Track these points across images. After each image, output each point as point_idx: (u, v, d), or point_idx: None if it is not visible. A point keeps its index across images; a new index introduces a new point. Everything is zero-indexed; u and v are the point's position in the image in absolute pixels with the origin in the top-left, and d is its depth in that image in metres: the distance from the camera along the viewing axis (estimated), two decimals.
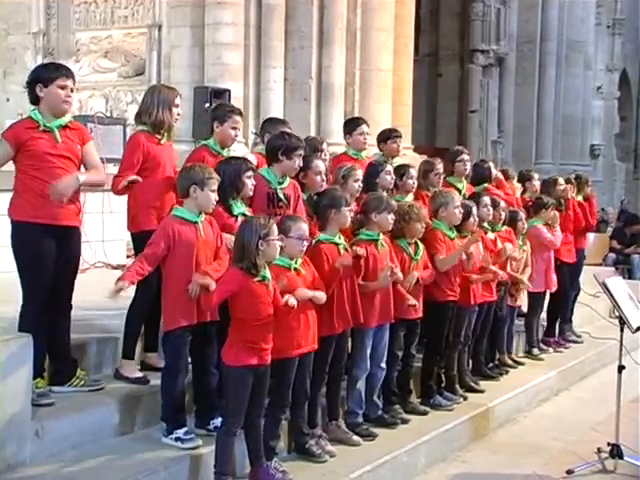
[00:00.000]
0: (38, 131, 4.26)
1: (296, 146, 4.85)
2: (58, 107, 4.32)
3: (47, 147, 4.25)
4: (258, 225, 4.01)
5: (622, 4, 22.29)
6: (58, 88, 4.29)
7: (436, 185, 6.25)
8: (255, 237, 3.96)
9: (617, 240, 14.82)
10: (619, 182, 23.27)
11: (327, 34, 11.45)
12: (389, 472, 4.76)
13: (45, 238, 4.25)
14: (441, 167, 6.39)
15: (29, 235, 4.24)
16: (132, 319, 4.73)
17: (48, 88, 4.28)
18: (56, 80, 4.29)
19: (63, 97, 4.31)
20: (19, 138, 4.23)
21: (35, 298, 4.27)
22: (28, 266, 4.27)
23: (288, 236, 4.23)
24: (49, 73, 4.33)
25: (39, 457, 3.90)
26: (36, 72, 4.41)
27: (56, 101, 4.30)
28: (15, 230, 4.28)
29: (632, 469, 5.20)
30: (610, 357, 7.61)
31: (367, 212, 5.08)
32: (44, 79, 4.29)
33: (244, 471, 4.29)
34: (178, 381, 4.27)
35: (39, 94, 4.29)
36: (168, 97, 4.82)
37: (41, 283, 4.27)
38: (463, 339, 6.13)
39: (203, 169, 4.33)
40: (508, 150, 19.04)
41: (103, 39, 13.21)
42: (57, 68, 4.42)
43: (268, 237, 3.98)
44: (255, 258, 3.97)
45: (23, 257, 4.26)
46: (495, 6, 18.69)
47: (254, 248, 3.96)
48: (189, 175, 4.30)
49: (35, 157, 4.22)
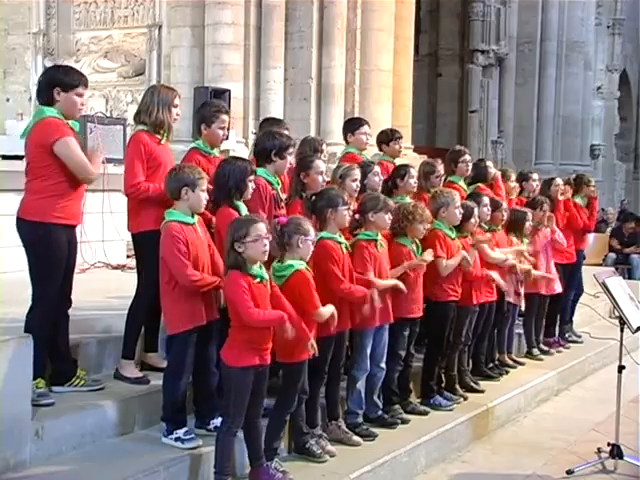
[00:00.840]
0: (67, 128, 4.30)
1: (287, 145, 4.86)
2: (72, 114, 4.37)
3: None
4: (234, 227, 4.01)
5: (622, 4, 22.32)
6: (76, 96, 4.34)
7: (437, 187, 6.25)
8: (230, 239, 3.97)
9: (617, 240, 14.83)
10: (619, 182, 23.29)
11: (327, 34, 11.45)
12: (389, 472, 4.76)
13: (61, 237, 4.30)
14: (442, 169, 6.40)
15: (47, 234, 4.24)
16: (132, 319, 4.73)
17: (67, 94, 4.30)
18: (76, 88, 4.33)
19: (79, 105, 4.37)
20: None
21: (46, 298, 4.28)
22: (44, 266, 4.26)
23: (307, 238, 4.27)
24: (70, 79, 4.33)
25: (39, 457, 3.90)
26: (54, 75, 4.39)
27: (73, 109, 4.35)
28: (31, 230, 4.26)
29: (632, 469, 5.20)
30: (610, 357, 7.63)
31: (364, 212, 5.08)
32: (64, 84, 4.30)
33: (244, 471, 4.29)
34: (181, 382, 4.27)
35: (56, 97, 4.29)
36: (168, 97, 4.82)
37: (54, 283, 4.30)
38: (464, 339, 6.13)
39: (192, 170, 4.31)
40: (508, 150, 19.03)
41: (103, 39, 13.22)
42: (77, 75, 4.43)
43: (244, 239, 3.94)
44: (236, 259, 3.95)
45: (40, 256, 4.25)
46: (495, 6, 18.69)
47: (230, 249, 3.96)
48: (179, 177, 4.27)
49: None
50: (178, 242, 4.14)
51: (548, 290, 7.51)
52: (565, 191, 7.98)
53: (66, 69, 4.52)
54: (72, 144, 4.26)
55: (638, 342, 7.01)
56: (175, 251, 4.12)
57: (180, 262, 4.12)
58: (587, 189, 8.28)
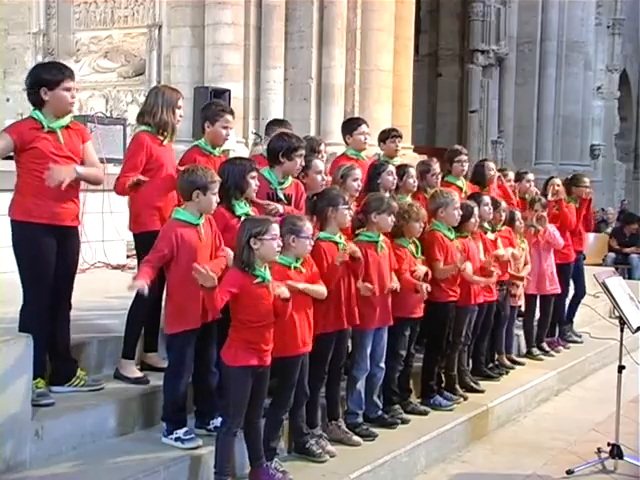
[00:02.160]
0: (42, 132, 4.24)
1: (296, 147, 4.85)
2: (64, 109, 4.32)
3: (51, 148, 4.24)
4: (252, 222, 4.02)
5: (622, 4, 22.31)
6: (64, 91, 4.27)
7: (434, 185, 6.25)
8: (247, 234, 3.96)
9: (617, 240, 14.83)
10: (619, 182, 23.28)
11: (327, 34, 11.44)
12: (389, 472, 4.76)
13: (46, 238, 4.25)
14: (438, 167, 6.39)
15: (31, 235, 4.23)
16: (132, 319, 4.73)
17: (54, 91, 4.24)
18: (62, 83, 4.26)
19: (69, 99, 4.31)
20: (23, 137, 4.21)
21: (36, 298, 4.26)
22: (29, 266, 4.26)
23: (300, 236, 4.25)
24: (53, 76, 4.27)
25: (39, 457, 3.90)
26: (38, 74, 4.32)
27: (63, 104, 4.30)
28: (17, 230, 4.27)
29: (632, 469, 5.20)
30: (610, 357, 7.63)
31: (367, 212, 5.08)
32: (49, 82, 4.24)
33: (244, 471, 4.29)
34: (181, 382, 4.27)
35: (44, 97, 4.24)
36: (171, 98, 4.81)
37: (42, 283, 4.27)
38: (463, 339, 6.13)
39: (205, 172, 4.29)
40: (508, 150, 19.03)
41: (103, 39, 13.21)
42: (60, 70, 4.35)
43: (262, 236, 3.96)
44: (249, 257, 3.96)
45: (25, 257, 4.25)
46: (495, 6, 18.68)
47: (245, 246, 3.96)
48: (192, 179, 4.26)
49: (40, 157, 4.21)
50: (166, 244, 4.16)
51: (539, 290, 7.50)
52: (559, 191, 7.94)
53: (48, 66, 4.47)
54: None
55: (638, 342, 7.00)
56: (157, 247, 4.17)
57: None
58: (577, 190, 8.12)
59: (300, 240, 4.26)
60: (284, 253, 4.24)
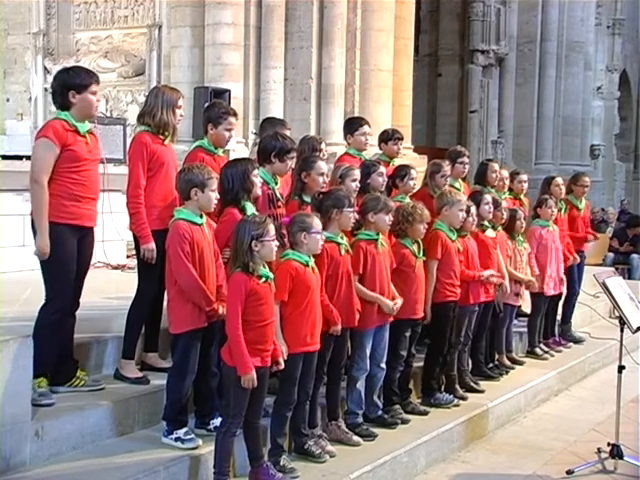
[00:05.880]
0: (78, 135, 4.31)
1: (290, 149, 4.85)
2: (89, 113, 4.40)
3: (85, 151, 4.32)
4: (252, 225, 4.01)
5: (622, 4, 22.27)
6: (90, 94, 4.35)
7: (442, 187, 6.25)
8: (248, 237, 3.96)
9: (618, 241, 14.83)
10: (619, 182, 23.25)
11: (327, 34, 11.43)
12: (389, 472, 4.76)
13: (70, 238, 4.31)
14: (448, 169, 6.40)
15: (63, 236, 4.26)
16: (132, 319, 4.73)
17: (82, 95, 4.31)
18: (89, 87, 4.34)
19: (95, 103, 4.39)
20: (64, 140, 4.25)
21: (60, 298, 4.29)
22: (55, 266, 4.27)
23: (311, 232, 4.30)
24: (82, 79, 4.34)
25: (39, 457, 3.91)
26: (65, 78, 4.38)
27: (90, 108, 4.38)
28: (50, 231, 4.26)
29: (632, 469, 5.20)
30: (610, 357, 7.64)
31: (364, 212, 5.08)
32: (77, 86, 4.31)
33: (244, 471, 4.29)
34: (185, 382, 4.28)
35: (72, 100, 4.30)
36: (171, 98, 4.82)
37: (66, 283, 4.31)
38: (463, 339, 6.13)
39: (202, 170, 4.32)
40: (508, 150, 19.01)
41: (103, 39, 13.21)
42: (88, 74, 4.43)
43: (262, 237, 3.97)
44: (249, 259, 3.96)
45: (51, 256, 4.25)
46: (495, 6, 18.66)
47: (247, 249, 3.96)
48: (188, 177, 4.28)
49: (75, 160, 4.27)
50: (184, 242, 4.16)
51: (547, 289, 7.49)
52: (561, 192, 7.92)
53: (76, 70, 4.52)
54: (44, 147, 4.22)
55: (638, 342, 7.01)
56: (179, 250, 4.14)
57: (182, 262, 4.13)
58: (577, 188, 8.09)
59: (311, 236, 4.31)
60: (297, 250, 4.27)
